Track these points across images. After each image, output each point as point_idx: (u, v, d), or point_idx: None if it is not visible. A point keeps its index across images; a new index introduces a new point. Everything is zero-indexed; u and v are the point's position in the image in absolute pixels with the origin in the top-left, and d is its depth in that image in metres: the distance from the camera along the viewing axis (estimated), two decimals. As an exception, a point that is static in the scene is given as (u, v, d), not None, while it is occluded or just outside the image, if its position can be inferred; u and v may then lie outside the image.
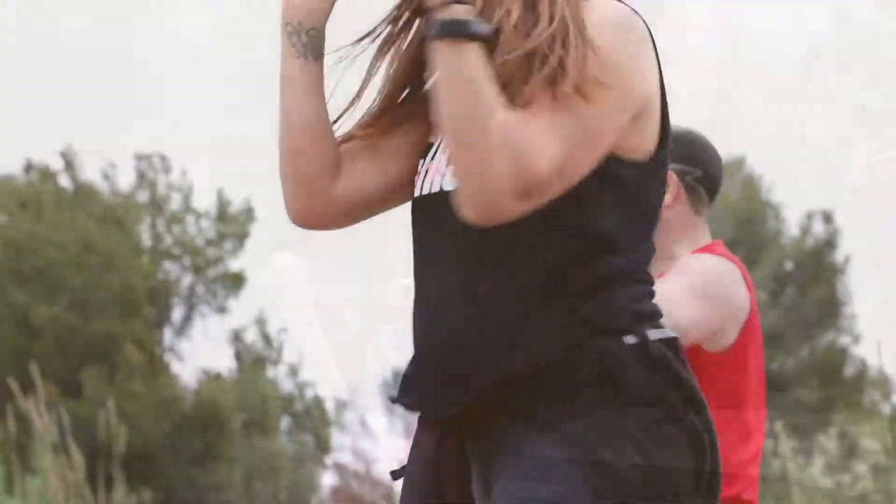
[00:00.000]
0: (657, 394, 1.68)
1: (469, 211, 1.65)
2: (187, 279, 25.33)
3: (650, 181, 1.75)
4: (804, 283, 24.29)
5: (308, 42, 1.78)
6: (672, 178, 2.93)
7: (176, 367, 24.22)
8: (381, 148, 1.83)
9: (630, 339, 1.69)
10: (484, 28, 1.65)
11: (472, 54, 1.64)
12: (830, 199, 24.48)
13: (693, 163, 2.95)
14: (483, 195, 1.63)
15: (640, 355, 1.68)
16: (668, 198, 2.88)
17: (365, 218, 1.89)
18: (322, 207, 1.82)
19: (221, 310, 25.12)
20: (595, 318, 1.69)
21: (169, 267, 25.27)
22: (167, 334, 24.99)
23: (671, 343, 1.71)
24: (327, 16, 1.80)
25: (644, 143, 1.73)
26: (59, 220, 22.32)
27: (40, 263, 21.89)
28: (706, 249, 2.95)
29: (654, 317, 1.72)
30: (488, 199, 1.63)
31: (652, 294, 1.75)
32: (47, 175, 24.07)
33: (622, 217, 1.73)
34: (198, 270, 25.29)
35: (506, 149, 1.62)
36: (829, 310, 24.09)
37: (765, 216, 24.98)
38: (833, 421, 18.17)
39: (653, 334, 1.70)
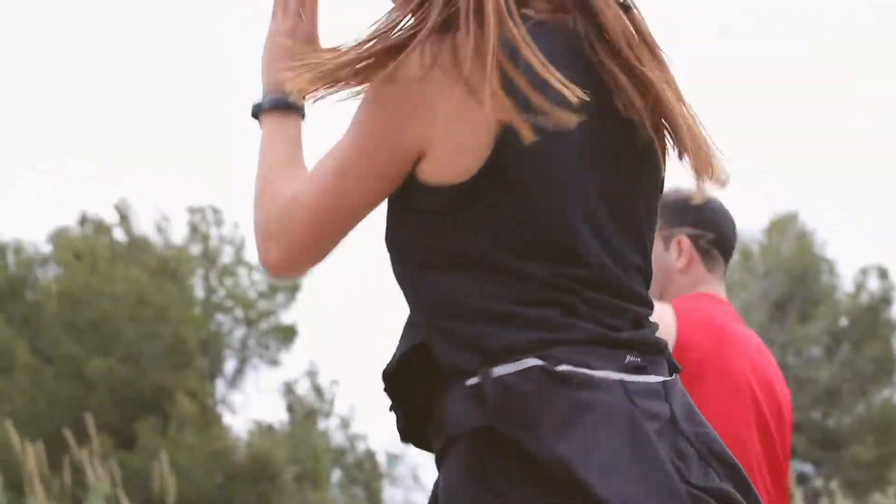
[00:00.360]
0: (493, 430, 1.61)
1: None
2: (239, 331, 25.43)
3: (481, 203, 1.65)
4: (859, 339, 24.07)
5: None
6: (686, 242, 2.98)
7: (228, 418, 24.30)
8: None
9: (472, 381, 1.63)
10: (272, 101, 1.83)
11: (264, 125, 1.84)
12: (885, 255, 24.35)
13: (706, 227, 3.00)
14: (256, 247, 1.77)
15: (477, 395, 1.62)
16: (682, 262, 2.99)
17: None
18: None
19: (273, 362, 25.19)
20: (449, 367, 1.65)
21: (221, 319, 25.38)
22: (219, 386, 25.07)
23: (529, 372, 1.62)
24: None
25: (457, 168, 1.64)
26: (114, 272, 22.49)
27: (95, 316, 22.04)
28: (677, 300, 2.97)
29: (512, 351, 1.63)
30: (257, 249, 1.76)
31: (519, 325, 1.64)
32: (102, 227, 24.28)
33: (460, 247, 1.66)
34: (250, 323, 25.37)
35: (262, 200, 1.76)
36: (885, 366, 23.85)
37: (819, 271, 24.81)
38: (890, 478, 17.94)
39: (501, 370, 1.62)
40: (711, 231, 3.00)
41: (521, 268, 1.65)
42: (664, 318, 2.88)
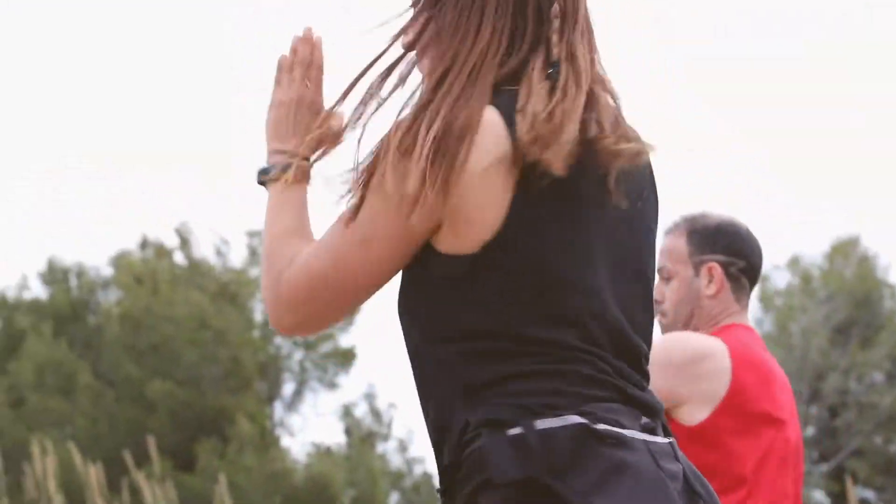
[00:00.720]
0: (527, 478, 1.65)
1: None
2: (298, 355, 25.52)
3: (497, 266, 1.71)
4: (922, 364, 23.80)
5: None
6: (717, 269, 3.00)
7: (286, 441, 24.38)
8: None
9: (514, 431, 1.67)
10: (277, 168, 1.87)
11: (270, 191, 1.88)
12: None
13: (737, 255, 3.02)
14: (267, 312, 1.83)
15: (521, 445, 1.66)
16: (712, 288, 3.00)
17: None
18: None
19: (331, 385, 25.25)
20: (487, 419, 1.69)
21: (279, 342, 25.49)
22: (278, 409, 25.17)
23: (572, 429, 1.67)
24: None
25: (473, 238, 1.71)
26: (174, 295, 22.64)
27: (155, 339, 22.20)
28: (717, 330, 3.00)
29: (554, 406, 1.68)
30: (268, 315, 1.82)
31: (560, 381, 1.69)
32: (163, 251, 24.47)
33: (485, 314, 1.70)
34: (308, 346, 25.47)
35: (270, 267, 1.80)
36: (949, 391, 23.55)
37: (881, 296, 24.58)
38: (954, 506, 17.72)
39: (544, 423, 1.67)
40: (742, 259, 3.02)
41: (545, 334, 1.70)
42: (719, 358, 2.91)
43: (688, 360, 2.90)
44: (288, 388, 25.22)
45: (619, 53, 1.77)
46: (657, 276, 2.98)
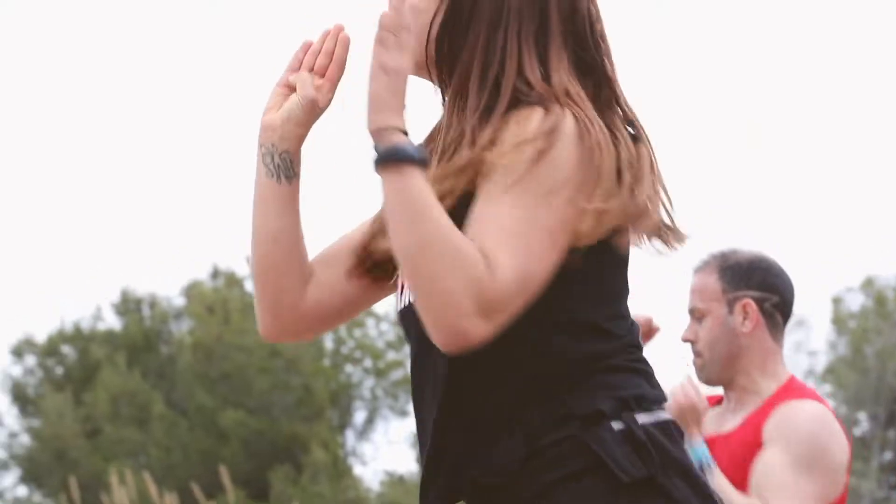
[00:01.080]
0: (648, 476, 1.67)
1: (438, 340, 1.64)
2: (369, 382, 25.56)
3: (602, 264, 1.73)
4: None
5: (280, 164, 1.86)
6: (752, 306, 2.97)
7: (358, 469, 24.40)
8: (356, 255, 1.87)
9: (618, 426, 1.69)
10: (420, 152, 1.67)
11: (413, 179, 1.64)
12: None
13: (770, 290, 2.99)
14: (446, 322, 1.61)
15: (631, 440, 1.68)
16: (748, 325, 2.96)
17: (336, 326, 1.94)
18: (290, 323, 1.87)
19: (402, 413, 25.27)
20: (581, 409, 1.69)
21: (350, 370, 25.54)
22: (349, 437, 25.21)
23: (664, 426, 1.71)
24: (301, 141, 1.85)
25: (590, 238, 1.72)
26: (246, 324, 22.78)
27: (228, 368, 22.34)
28: (793, 390, 2.96)
29: (642, 402, 1.71)
30: (451, 324, 1.61)
31: (642, 380, 1.74)
32: (234, 280, 24.63)
33: (586, 307, 1.72)
34: (379, 374, 25.50)
35: (458, 268, 1.60)
36: None
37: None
38: None
39: (642, 418, 1.70)
40: (776, 294, 3.00)
41: (624, 331, 1.76)
42: (838, 436, 2.91)
43: (817, 451, 2.88)
44: (359, 416, 25.28)
45: (619, 53, 1.81)
46: (689, 317, 2.98)
